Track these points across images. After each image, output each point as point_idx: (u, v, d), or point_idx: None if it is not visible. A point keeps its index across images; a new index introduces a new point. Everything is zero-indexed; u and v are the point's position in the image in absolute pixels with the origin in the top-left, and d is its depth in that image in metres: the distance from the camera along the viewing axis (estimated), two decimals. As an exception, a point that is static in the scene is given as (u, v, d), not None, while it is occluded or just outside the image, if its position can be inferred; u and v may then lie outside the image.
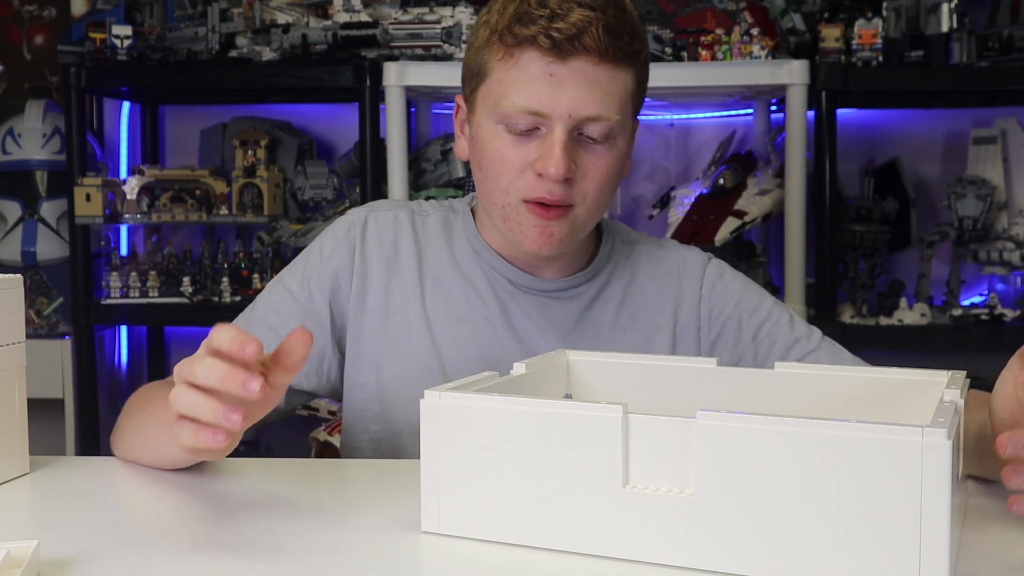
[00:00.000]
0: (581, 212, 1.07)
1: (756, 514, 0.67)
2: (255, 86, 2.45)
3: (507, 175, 1.06)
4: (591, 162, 1.05)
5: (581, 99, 1.02)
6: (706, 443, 0.68)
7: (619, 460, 0.71)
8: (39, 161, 2.58)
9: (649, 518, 0.70)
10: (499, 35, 1.04)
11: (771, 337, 1.16)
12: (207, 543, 0.78)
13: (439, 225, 1.18)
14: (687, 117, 2.57)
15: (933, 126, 2.54)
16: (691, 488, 0.69)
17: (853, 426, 0.64)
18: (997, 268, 2.32)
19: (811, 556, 0.65)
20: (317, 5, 2.42)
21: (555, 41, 1.01)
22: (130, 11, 2.51)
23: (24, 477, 0.96)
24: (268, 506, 0.87)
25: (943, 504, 0.62)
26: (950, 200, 2.33)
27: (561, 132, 1.02)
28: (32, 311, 2.57)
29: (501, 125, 1.05)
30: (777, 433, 0.66)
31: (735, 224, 2.16)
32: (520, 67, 1.03)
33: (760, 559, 0.67)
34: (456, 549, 0.75)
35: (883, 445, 0.63)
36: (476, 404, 0.75)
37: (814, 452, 0.65)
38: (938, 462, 0.62)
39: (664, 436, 0.70)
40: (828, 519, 0.65)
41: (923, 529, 0.63)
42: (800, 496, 0.65)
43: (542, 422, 0.73)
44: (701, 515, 0.68)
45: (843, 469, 0.64)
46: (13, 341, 0.96)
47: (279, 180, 2.43)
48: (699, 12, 2.43)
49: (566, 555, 0.73)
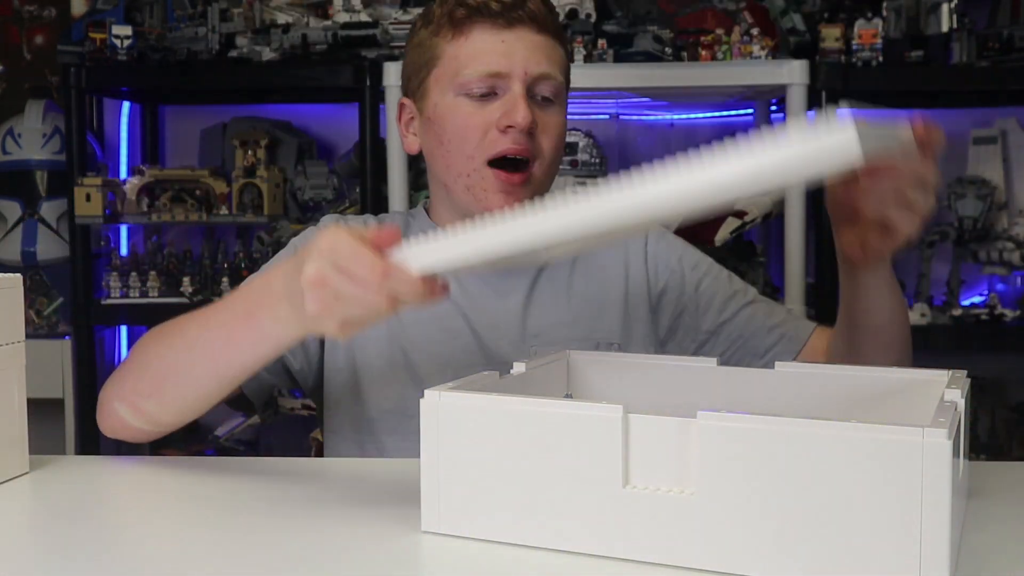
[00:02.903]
0: (539, 173, 1.15)
1: (757, 514, 0.67)
2: (255, 86, 2.45)
3: (472, 138, 1.13)
4: (546, 119, 1.15)
5: (533, 59, 1.13)
6: (707, 443, 0.68)
7: (619, 460, 0.71)
8: (39, 161, 2.58)
9: (649, 518, 0.70)
10: (447, 18, 1.14)
11: (711, 289, 1.24)
12: (207, 543, 0.78)
13: (400, 226, 1.21)
14: (687, 117, 2.57)
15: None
16: (692, 488, 0.69)
17: (853, 427, 0.64)
18: (997, 268, 2.32)
19: (812, 556, 0.65)
20: (317, 5, 2.42)
21: (504, 5, 1.12)
22: (130, 11, 2.51)
23: (24, 477, 0.96)
24: (268, 506, 0.87)
25: (944, 504, 0.62)
26: (950, 200, 2.33)
27: (519, 87, 1.12)
28: (32, 311, 2.57)
29: (461, 96, 1.13)
30: (777, 433, 0.66)
31: (735, 224, 2.16)
32: (472, 40, 1.13)
33: (761, 559, 0.67)
34: (456, 549, 0.75)
35: (883, 445, 0.63)
36: (476, 404, 0.75)
37: (814, 452, 0.65)
38: (938, 462, 0.62)
39: (664, 436, 0.70)
40: (829, 519, 0.65)
41: (924, 529, 0.63)
42: (801, 496, 0.65)
43: (542, 422, 0.73)
44: (702, 515, 0.68)
45: (843, 469, 0.64)
46: (13, 340, 0.96)
47: (279, 180, 2.43)
48: (699, 12, 2.43)
49: (566, 555, 0.73)
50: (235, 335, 0.92)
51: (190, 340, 0.97)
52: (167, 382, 0.99)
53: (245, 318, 0.91)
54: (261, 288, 0.90)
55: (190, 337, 0.97)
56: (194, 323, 0.97)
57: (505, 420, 0.74)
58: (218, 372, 0.96)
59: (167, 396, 0.99)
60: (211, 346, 0.94)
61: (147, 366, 1.01)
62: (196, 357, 0.96)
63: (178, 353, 0.98)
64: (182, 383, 0.98)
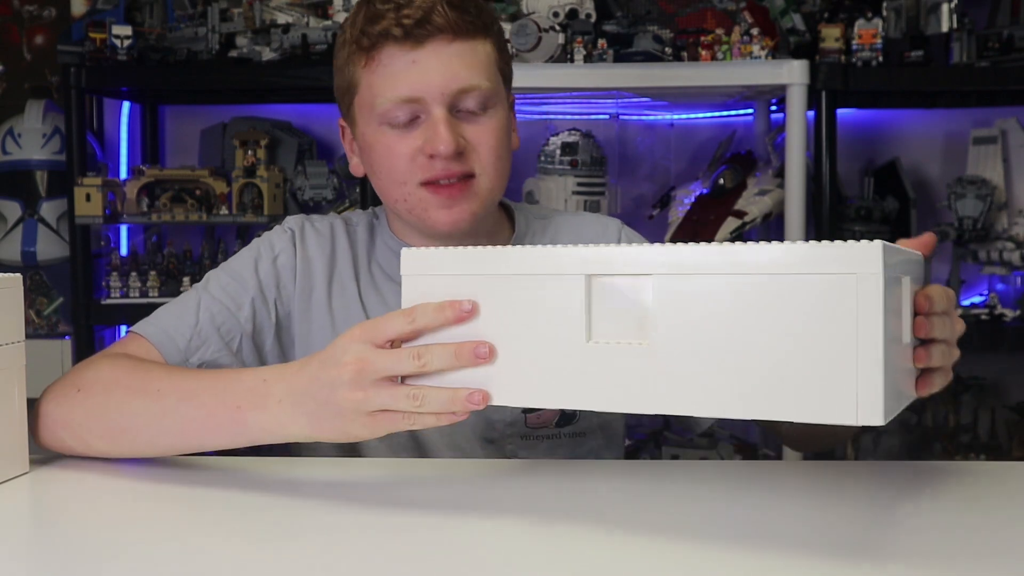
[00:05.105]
0: (484, 182, 1.11)
1: (708, 358, 0.71)
2: (255, 86, 2.45)
3: (400, 166, 1.10)
4: (478, 132, 1.10)
5: (449, 75, 1.07)
6: (660, 298, 0.73)
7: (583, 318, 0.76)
8: (39, 161, 2.58)
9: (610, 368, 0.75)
10: (356, 43, 1.09)
11: None
12: (207, 542, 0.78)
13: (366, 232, 1.22)
14: (687, 117, 2.57)
15: (933, 126, 2.54)
16: (647, 340, 0.73)
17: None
18: (997, 268, 2.32)
19: (760, 390, 0.69)
20: (317, 5, 2.42)
21: (406, 29, 1.06)
22: (130, 11, 2.51)
23: (23, 476, 0.96)
24: (268, 504, 0.87)
25: (876, 328, 0.66)
26: (950, 200, 2.33)
27: (440, 111, 1.07)
28: (32, 311, 2.57)
29: (383, 125, 1.09)
30: (719, 281, 0.70)
31: (735, 224, 2.16)
32: (383, 66, 1.08)
33: (713, 400, 0.71)
34: (457, 545, 0.75)
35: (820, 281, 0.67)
36: (452, 268, 0.81)
37: (754, 293, 0.69)
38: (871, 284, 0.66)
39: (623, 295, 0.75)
40: (774, 357, 0.69)
41: (859, 353, 0.66)
42: (747, 336, 0.70)
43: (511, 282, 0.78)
44: (657, 364, 0.73)
45: (782, 307, 0.68)
46: (12, 340, 0.96)
47: (279, 180, 2.43)
48: (699, 12, 2.44)
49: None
50: (216, 422, 0.91)
51: (165, 408, 0.94)
52: (126, 435, 0.96)
53: (232, 410, 0.89)
54: (256, 386, 0.89)
55: (166, 405, 0.94)
56: (173, 391, 0.94)
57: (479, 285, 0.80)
58: (186, 445, 0.94)
59: (121, 445, 0.97)
60: (187, 423, 0.92)
61: (106, 411, 0.97)
62: (167, 426, 0.94)
63: (148, 416, 0.94)
64: (141, 441, 0.96)
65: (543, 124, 2.48)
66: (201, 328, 1.10)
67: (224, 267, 1.17)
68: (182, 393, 0.93)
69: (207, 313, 1.11)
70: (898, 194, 2.41)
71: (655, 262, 0.73)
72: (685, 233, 2.20)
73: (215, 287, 1.14)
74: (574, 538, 0.77)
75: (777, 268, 0.68)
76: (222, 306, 1.12)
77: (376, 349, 0.81)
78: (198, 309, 1.11)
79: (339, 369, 0.82)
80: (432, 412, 0.80)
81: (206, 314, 1.11)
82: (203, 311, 1.11)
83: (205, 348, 1.09)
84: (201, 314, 1.11)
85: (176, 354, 1.08)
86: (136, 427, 0.95)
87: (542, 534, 0.78)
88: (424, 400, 0.80)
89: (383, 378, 0.81)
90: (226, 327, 1.11)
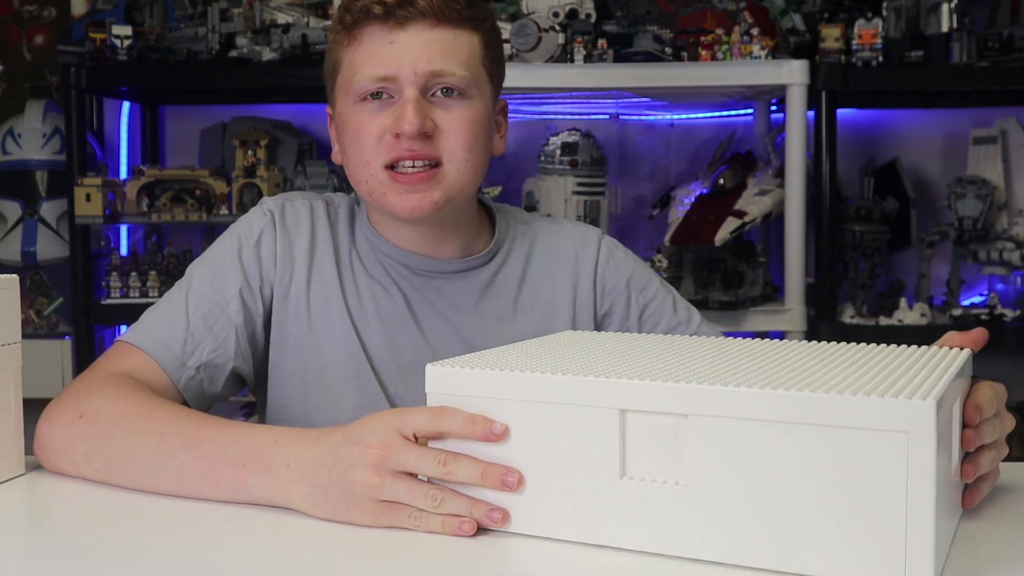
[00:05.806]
0: (451, 171, 1.09)
1: (746, 505, 0.68)
2: (255, 86, 2.45)
3: (368, 144, 1.09)
4: (448, 118, 1.09)
5: (424, 57, 1.07)
6: (699, 440, 0.70)
7: (616, 454, 0.73)
8: (39, 161, 2.58)
9: (645, 508, 0.72)
10: (340, 21, 1.10)
11: (655, 317, 1.22)
12: (206, 544, 0.78)
13: (347, 217, 1.20)
14: (687, 117, 2.57)
15: (933, 126, 2.54)
16: (685, 480, 0.71)
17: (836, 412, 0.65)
18: (997, 268, 2.32)
19: (800, 542, 0.67)
20: (317, 5, 2.42)
21: (388, 7, 1.06)
22: (130, 11, 2.51)
23: (20, 478, 0.96)
24: (267, 506, 0.87)
25: (928, 488, 0.63)
26: (950, 200, 2.33)
27: (411, 91, 1.07)
28: (32, 311, 2.57)
29: (359, 103, 1.09)
30: (762, 428, 0.67)
31: (735, 224, 2.16)
32: (363, 44, 1.09)
33: (751, 548, 0.68)
34: (456, 546, 0.75)
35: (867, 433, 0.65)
36: (481, 389, 0.78)
37: (799, 448, 0.67)
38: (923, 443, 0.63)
39: (659, 433, 0.72)
40: (814, 509, 0.66)
41: (909, 512, 0.64)
42: (789, 487, 0.67)
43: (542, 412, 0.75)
44: (694, 505, 0.70)
45: (828, 459, 0.66)
46: (9, 342, 0.96)
47: (279, 180, 2.43)
48: (699, 12, 2.43)
49: (568, 545, 0.74)
50: (216, 474, 0.88)
51: (166, 451, 0.90)
52: (124, 472, 0.93)
53: (235, 465, 0.87)
54: (265, 445, 0.86)
55: (167, 448, 0.90)
56: (178, 435, 0.91)
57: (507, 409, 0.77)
58: (180, 489, 0.90)
59: (117, 479, 0.93)
60: (186, 472, 0.89)
61: (108, 446, 0.94)
62: (166, 471, 0.90)
63: (148, 458, 0.91)
64: (138, 480, 0.92)
65: (543, 124, 2.48)
66: (194, 330, 1.08)
67: (205, 259, 1.15)
68: (187, 439, 0.91)
69: (197, 313, 1.10)
70: (898, 194, 2.41)
71: (694, 400, 0.69)
72: (685, 233, 2.20)
73: (200, 283, 1.12)
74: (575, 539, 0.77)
75: (823, 419, 0.65)
76: (211, 303, 1.10)
77: (402, 440, 0.79)
78: (187, 310, 1.10)
79: (361, 449, 0.80)
80: (444, 515, 0.78)
81: (196, 314, 1.10)
82: (192, 311, 1.10)
83: (201, 350, 1.08)
84: (191, 315, 1.09)
85: (173, 361, 1.07)
86: (134, 466, 0.92)
87: (542, 537, 0.78)
88: (442, 503, 0.78)
89: (402, 471, 0.79)
90: (218, 325, 1.10)
